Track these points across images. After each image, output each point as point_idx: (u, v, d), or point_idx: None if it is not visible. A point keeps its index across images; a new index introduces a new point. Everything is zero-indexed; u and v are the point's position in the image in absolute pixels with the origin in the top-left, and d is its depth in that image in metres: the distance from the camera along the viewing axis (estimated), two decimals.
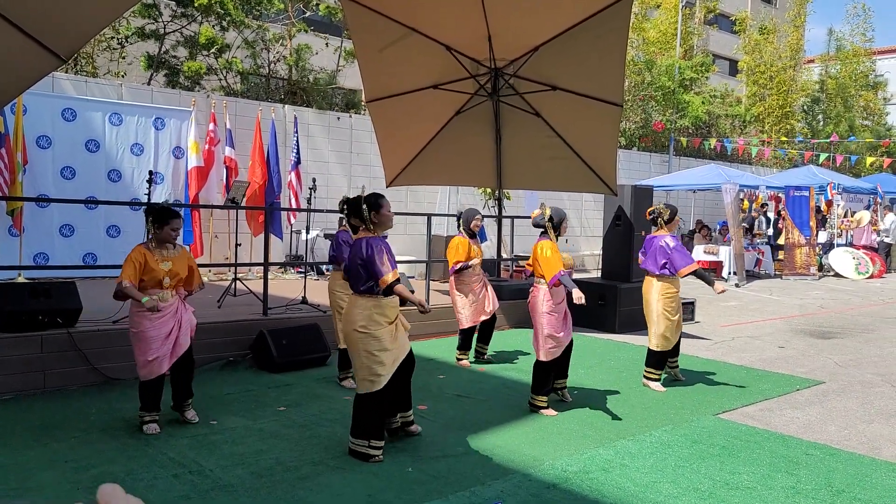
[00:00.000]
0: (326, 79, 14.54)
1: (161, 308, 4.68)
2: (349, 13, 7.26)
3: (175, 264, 4.84)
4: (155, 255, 4.75)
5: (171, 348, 4.76)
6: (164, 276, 4.75)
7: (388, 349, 4.35)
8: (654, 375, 6.36)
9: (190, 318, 4.95)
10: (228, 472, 4.11)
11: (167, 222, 4.77)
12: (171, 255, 4.85)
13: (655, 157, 20.17)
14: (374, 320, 4.33)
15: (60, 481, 3.91)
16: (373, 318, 4.33)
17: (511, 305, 8.93)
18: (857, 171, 26.31)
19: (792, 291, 13.78)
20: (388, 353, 4.35)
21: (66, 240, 9.89)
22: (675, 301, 6.31)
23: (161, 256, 4.79)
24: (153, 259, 4.72)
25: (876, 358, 7.78)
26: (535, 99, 8.04)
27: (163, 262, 4.77)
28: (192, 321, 4.97)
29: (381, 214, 4.44)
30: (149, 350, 4.66)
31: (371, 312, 4.34)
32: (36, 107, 9.54)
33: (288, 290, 8.84)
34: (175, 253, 4.89)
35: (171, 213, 4.83)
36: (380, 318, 4.35)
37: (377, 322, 4.34)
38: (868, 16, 29.63)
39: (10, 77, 4.54)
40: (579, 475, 4.21)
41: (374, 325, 4.33)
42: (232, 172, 11.24)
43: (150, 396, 4.77)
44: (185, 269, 4.93)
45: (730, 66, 32.38)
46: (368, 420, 4.36)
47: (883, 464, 4.53)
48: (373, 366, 4.32)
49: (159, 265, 4.74)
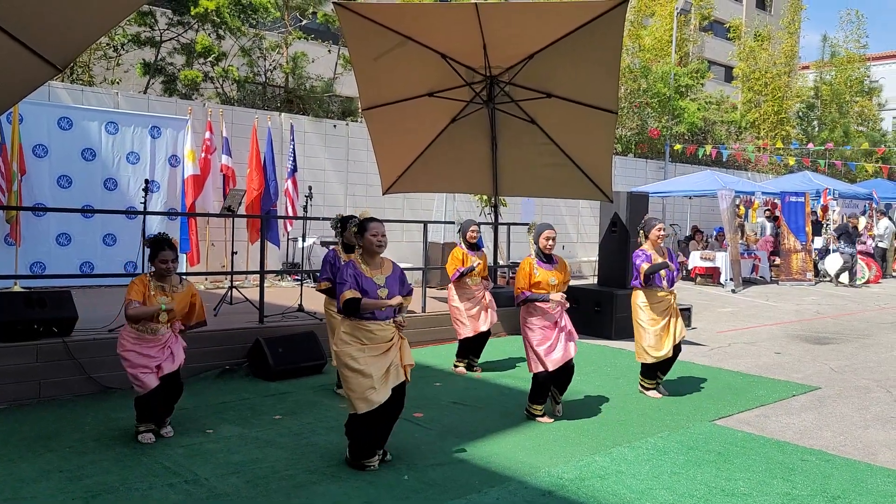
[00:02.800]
0: (323, 87, 14.56)
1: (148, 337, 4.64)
2: (345, 22, 7.29)
3: (175, 300, 4.75)
4: (152, 290, 4.67)
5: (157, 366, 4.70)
6: (159, 313, 4.65)
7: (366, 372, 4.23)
8: (648, 384, 6.34)
9: (179, 353, 4.84)
10: (224, 481, 4.10)
11: (156, 255, 4.67)
12: (172, 292, 4.75)
13: (651, 163, 20.22)
14: (344, 341, 4.31)
15: (55, 492, 3.89)
16: (343, 339, 4.32)
17: (507, 312, 8.94)
18: (852, 177, 26.40)
19: (788, 297, 13.80)
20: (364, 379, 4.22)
21: (62, 249, 9.88)
22: (654, 310, 6.15)
23: (159, 291, 4.69)
24: (151, 295, 4.64)
25: (872, 364, 7.79)
26: (531, 106, 8.07)
27: (160, 296, 4.67)
28: (180, 356, 4.85)
29: (364, 238, 4.39)
30: (136, 369, 4.64)
31: (344, 331, 4.33)
32: (32, 116, 9.55)
33: (284, 298, 8.83)
34: (180, 289, 4.81)
35: (160, 244, 4.71)
36: (349, 338, 4.30)
37: (348, 343, 4.30)
38: (862, 22, 29.67)
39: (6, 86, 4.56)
40: (575, 482, 4.21)
41: (344, 344, 4.30)
42: (229, 180, 11.26)
43: (144, 408, 4.73)
44: (185, 306, 4.85)
45: (725, 73, 32.54)
46: (353, 439, 4.37)
47: (879, 469, 4.53)
48: (354, 387, 4.26)
49: (155, 299, 4.65)
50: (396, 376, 4.36)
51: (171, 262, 4.72)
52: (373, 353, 4.29)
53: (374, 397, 4.23)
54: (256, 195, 11.30)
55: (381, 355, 4.31)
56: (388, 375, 4.31)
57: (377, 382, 4.24)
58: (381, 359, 4.31)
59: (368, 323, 4.31)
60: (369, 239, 4.38)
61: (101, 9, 4.16)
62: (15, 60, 4.19)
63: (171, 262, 4.71)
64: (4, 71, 4.31)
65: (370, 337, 4.30)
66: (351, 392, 4.28)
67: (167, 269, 4.70)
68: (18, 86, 4.59)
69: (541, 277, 5.37)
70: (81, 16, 4.15)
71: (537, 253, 5.47)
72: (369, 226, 4.39)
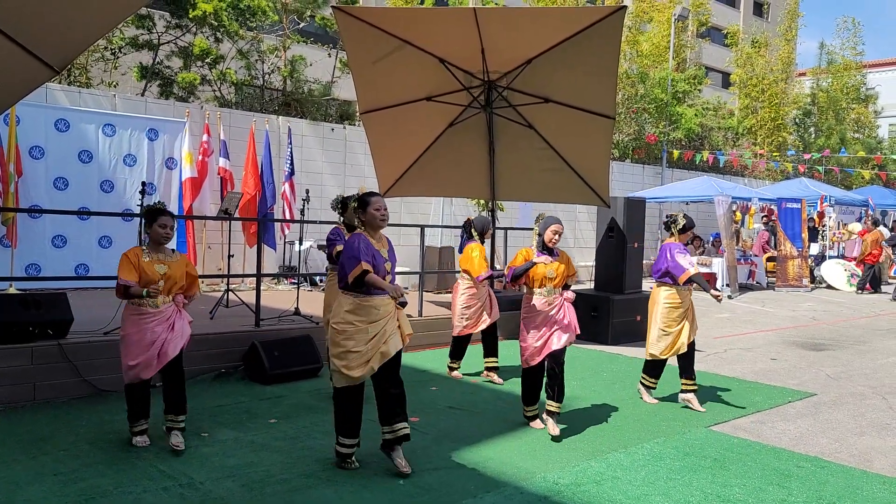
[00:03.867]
0: (321, 90, 14.56)
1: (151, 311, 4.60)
2: (343, 26, 7.29)
3: (172, 269, 4.71)
4: (150, 258, 4.64)
5: (157, 355, 4.60)
6: (159, 279, 4.61)
7: (358, 350, 4.25)
8: (648, 382, 6.27)
9: (184, 328, 4.78)
10: (218, 485, 4.08)
11: (155, 219, 4.66)
12: (167, 260, 4.72)
13: (649, 168, 20.26)
14: (347, 320, 4.28)
15: (49, 495, 3.88)
16: (346, 318, 4.29)
17: (504, 316, 8.92)
18: (848, 184, 26.46)
19: (784, 303, 13.82)
20: (357, 355, 4.25)
21: (58, 251, 9.86)
22: (675, 312, 6.01)
23: (156, 259, 4.67)
24: (147, 262, 4.61)
25: (868, 370, 7.80)
26: (529, 111, 8.07)
27: (157, 264, 4.64)
28: (185, 331, 4.78)
29: (367, 213, 4.39)
30: (131, 353, 4.58)
31: (346, 311, 4.30)
32: (29, 117, 9.53)
33: (281, 302, 8.82)
34: (173, 259, 4.78)
35: (159, 211, 4.72)
36: (353, 317, 4.28)
37: (351, 322, 4.28)
38: (858, 30, 29.77)
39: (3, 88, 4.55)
40: (571, 488, 4.20)
41: (347, 324, 4.28)
42: (226, 183, 11.25)
43: (133, 404, 4.69)
44: (182, 275, 4.80)
45: (722, 79, 32.63)
46: (338, 414, 4.41)
47: (874, 476, 4.54)
48: (340, 361, 4.29)
49: (153, 267, 4.61)
50: (394, 344, 4.34)
51: (171, 229, 4.72)
52: (373, 331, 4.28)
53: (356, 373, 4.27)
54: (253, 198, 11.30)
55: (377, 323, 4.30)
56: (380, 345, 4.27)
57: (363, 358, 4.26)
58: (375, 327, 4.29)
59: (373, 298, 4.30)
60: (372, 213, 4.38)
61: (100, 11, 4.16)
62: (12, 62, 4.18)
63: (169, 227, 4.70)
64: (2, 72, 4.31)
65: (375, 313, 4.30)
66: (337, 363, 4.30)
67: (166, 234, 4.69)
68: (16, 87, 4.57)
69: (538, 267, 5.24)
70: (80, 18, 4.14)
71: (539, 245, 5.33)
72: (371, 200, 4.40)
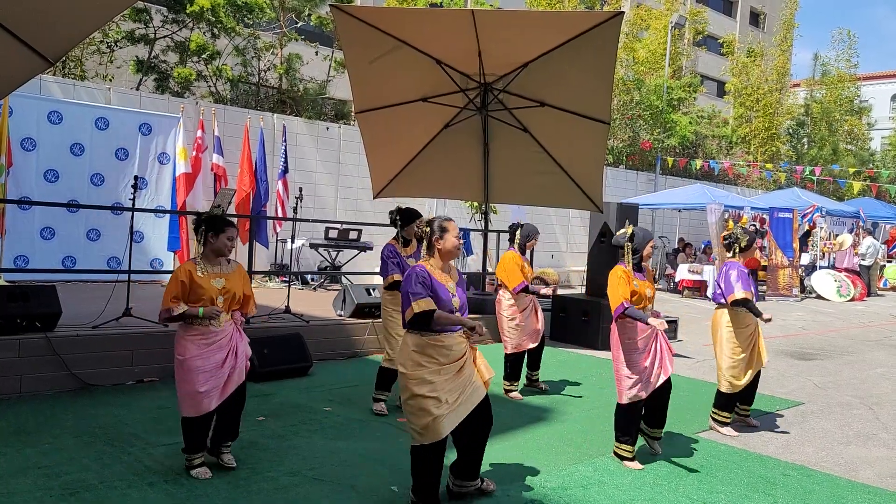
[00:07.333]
0: (316, 88, 14.54)
1: (214, 331, 4.08)
2: (340, 24, 7.28)
3: (230, 282, 4.16)
4: (205, 272, 4.09)
5: (224, 383, 4.13)
6: (217, 295, 4.09)
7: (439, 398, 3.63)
8: (721, 418, 5.68)
9: (245, 349, 4.26)
10: (204, 482, 4.06)
11: (223, 230, 4.13)
12: (224, 272, 4.18)
13: (642, 175, 20.32)
14: (416, 361, 3.68)
15: (33, 488, 3.85)
16: (414, 359, 3.70)
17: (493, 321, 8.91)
18: (840, 195, 26.62)
19: (773, 312, 13.82)
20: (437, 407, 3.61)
21: (46, 242, 9.80)
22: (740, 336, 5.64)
23: (212, 273, 4.12)
24: (202, 277, 4.06)
25: (855, 380, 7.84)
26: (524, 114, 8.08)
27: (214, 279, 4.11)
28: (247, 352, 4.27)
29: (445, 239, 3.82)
30: (196, 381, 4.02)
31: (413, 350, 3.72)
32: (22, 109, 9.48)
33: (271, 300, 8.79)
34: (230, 269, 4.22)
35: (225, 220, 4.18)
36: (421, 357, 3.68)
37: (421, 364, 3.67)
38: (853, 42, 29.96)
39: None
40: (557, 491, 4.20)
41: (417, 367, 3.67)
42: (220, 180, 11.21)
43: (197, 436, 4.15)
44: (240, 287, 4.23)
45: (717, 88, 32.77)
46: (415, 474, 3.76)
47: (860, 486, 4.56)
48: (414, 413, 3.66)
49: (210, 283, 4.07)
50: (476, 395, 3.76)
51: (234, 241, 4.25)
52: (448, 373, 3.69)
53: (443, 427, 3.63)
54: (246, 195, 11.27)
55: (457, 374, 3.72)
56: (462, 397, 3.70)
57: (449, 408, 3.65)
58: (457, 379, 3.71)
59: (443, 337, 3.71)
60: (452, 241, 3.83)
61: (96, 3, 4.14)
62: (6, 52, 4.16)
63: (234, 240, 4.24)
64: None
65: (446, 354, 3.70)
66: (416, 420, 3.65)
67: (232, 247, 4.23)
68: (9, 78, 4.55)
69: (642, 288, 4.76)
70: (75, 9, 4.12)
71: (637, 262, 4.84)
72: (450, 226, 3.84)
